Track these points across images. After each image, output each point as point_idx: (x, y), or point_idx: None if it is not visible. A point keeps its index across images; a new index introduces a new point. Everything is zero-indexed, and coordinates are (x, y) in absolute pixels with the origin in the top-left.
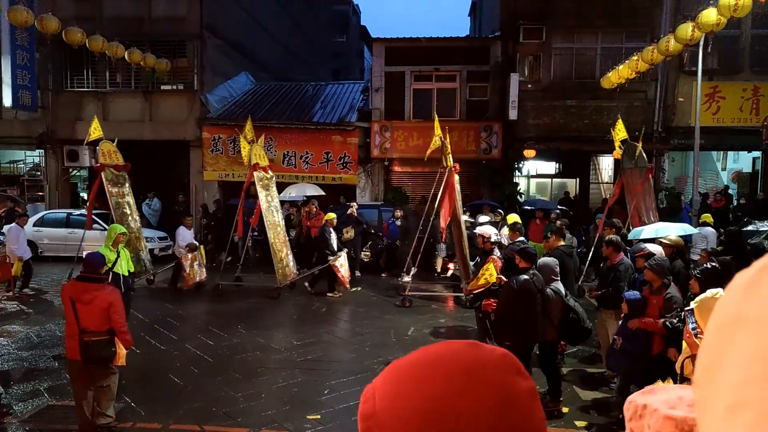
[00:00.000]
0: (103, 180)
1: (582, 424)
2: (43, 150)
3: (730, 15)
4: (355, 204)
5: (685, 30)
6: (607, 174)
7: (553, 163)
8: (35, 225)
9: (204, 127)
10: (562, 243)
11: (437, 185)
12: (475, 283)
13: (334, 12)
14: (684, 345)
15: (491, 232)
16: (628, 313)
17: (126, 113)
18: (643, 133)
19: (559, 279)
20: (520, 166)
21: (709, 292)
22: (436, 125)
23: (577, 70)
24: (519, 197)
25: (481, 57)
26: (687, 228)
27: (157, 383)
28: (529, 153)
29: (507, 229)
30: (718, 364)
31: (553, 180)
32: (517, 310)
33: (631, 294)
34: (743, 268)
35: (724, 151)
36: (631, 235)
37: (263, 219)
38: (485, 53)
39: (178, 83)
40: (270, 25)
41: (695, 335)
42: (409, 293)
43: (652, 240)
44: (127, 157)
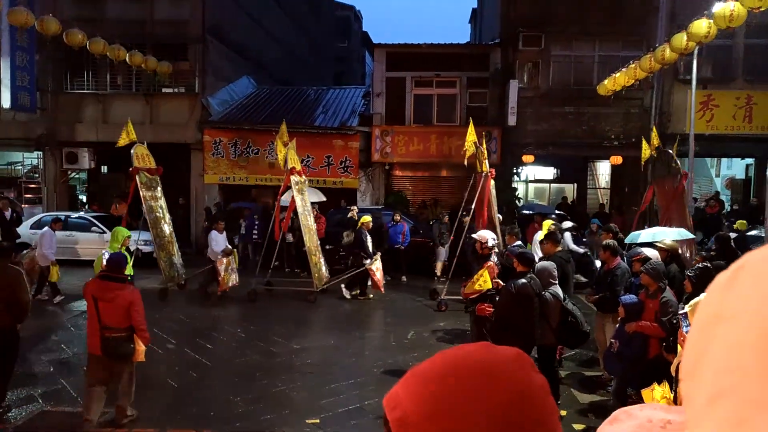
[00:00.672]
0: (138, 184)
1: (580, 427)
2: (41, 152)
3: (726, 25)
4: (355, 208)
5: (680, 39)
6: (604, 179)
7: (551, 168)
8: (32, 227)
9: (205, 131)
10: (559, 249)
11: (471, 190)
12: (470, 287)
13: (336, 17)
14: (679, 348)
15: (488, 237)
16: (625, 316)
17: (126, 116)
18: (678, 140)
19: (557, 283)
20: (519, 171)
21: (703, 296)
22: (471, 131)
23: (576, 77)
24: (517, 202)
25: (480, 63)
26: (684, 233)
27: (155, 388)
28: (527, 158)
29: (541, 234)
30: (701, 359)
31: (551, 185)
32: (514, 314)
33: (628, 298)
34: None
35: (718, 158)
36: (629, 239)
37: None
38: (485, 60)
39: (179, 86)
40: (272, 30)
41: None
42: (445, 297)
43: (649, 244)
44: (127, 159)
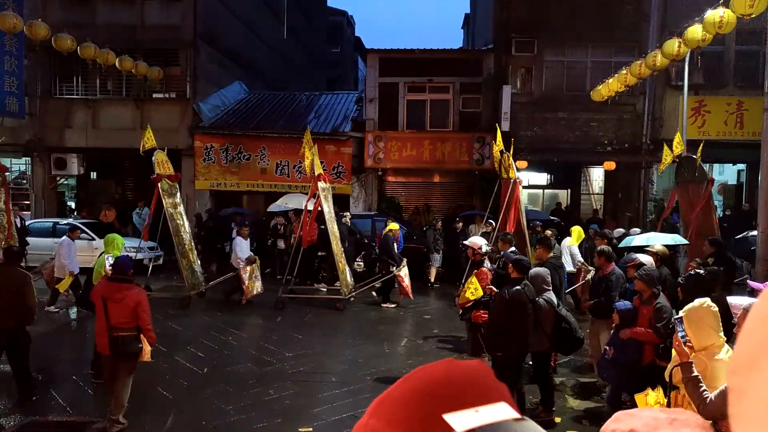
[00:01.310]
0: (160, 191)
1: None
2: (29, 158)
3: (715, 31)
4: (348, 214)
5: (672, 46)
6: (598, 185)
7: (545, 174)
8: (19, 234)
9: (196, 136)
10: (551, 255)
11: (499, 198)
12: (463, 297)
13: (329, 23)
14: (673, 353)
15: (481, 243)
16: (619, 323)
17: (116, 121)
18: (702, 147)
19: (551, 289)
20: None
21: (697, 302)
22: (498, 137)
23: (568, 82)
24: None
25: (473, 69)
26: (677, 238)
27: (145, 396)
28: (521, 164)
29: (571, 240)
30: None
31: (545, 191)
32: (509, 320)
33: (622, 304)
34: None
35: (710, 164)
36: (622, 244)
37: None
38: (478, 65)
39: (170, 91)
40: (264, 35)
41: (684, 343)
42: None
43: (641, 250)
44: (118, 165)
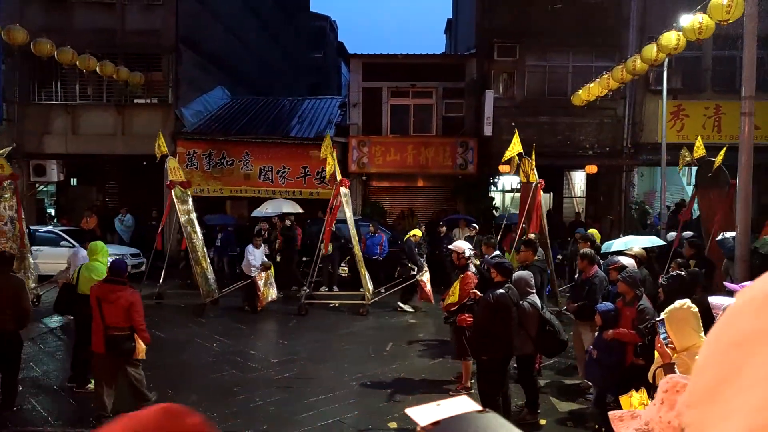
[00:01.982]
0: (173, 198)
1: None
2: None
3: (695, 37)
4: None
5: (651, 51)
6: (580, 188)
7: None
8: None
9: (179, 142)
10: (536, 258)
11: (521, 202)
12: (448, 300)
13: (311, 27)
14: (656, 354)
15: (465, 247)
16: (602, 324)
17: (97, 127)
18: (725, 150)
19: (534, 292)
20: (496, 181)
21: (678, 303)
22: (515, 140)
23: (550, 87)
24: (494, 212)
25: (456, 74)
26: (654, 240)
27: (127, 406)
28: (504, 168)
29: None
30: (728, 382)
31: None
32: (493, 323)
33: (604, 306)
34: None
35: (689, 167)
36: (604, 248)
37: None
38: (461, 70)
39: (152, 97)
40: (247, 40)
41: (666, 345)
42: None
43: (620, 253)
44: (99, 171)
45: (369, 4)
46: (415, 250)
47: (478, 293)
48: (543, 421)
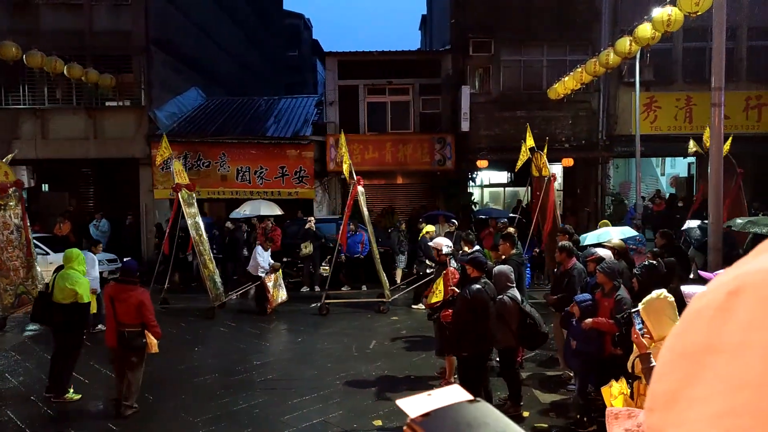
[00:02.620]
0: (181, 201)
1: (543, 426)
2: None
3: (663, 29)
4: (312, 218)
5: (624, 44)
6: (557, 182)
7: (505, 172)
8: None
9: (153, 144)
10: (514, 251)
11: (534, 197)
12: (431, 297)
13: (285, 26)
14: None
15: (443, 244)
16: (580, 315)
17: (68, 131)
18: (731, 139)
19: (514, 286)
20: (474, 176)
21: (654, 293)
22: (528, 136)
23: (525, 81)
24: (473, 207)
25: (432, 70)
26: (627, 231)
27: (108, 411)
28: (481, 163)
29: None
30: (685, 390)
31: (506, 189)
32: (472, 320)
33: (581, 297)
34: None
35: (663, 158)
36: (581, 241)
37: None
38: (437, 66)
39: (124, 99)
40: (221, 40)
41: (642, 335)
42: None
43: (596, 245)
44: (71, 176)
45: (343, 1)
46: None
47: (456, 290)
48: (526, 413)
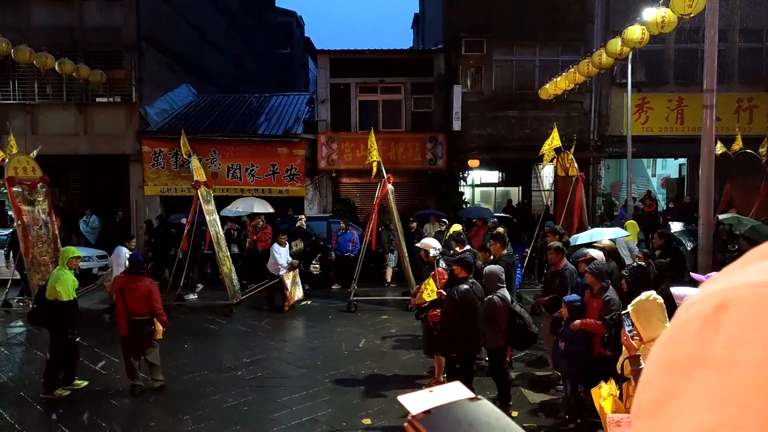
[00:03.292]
0: (200, 198)
1: (532, 426)
2: None
3: (657, 31)
4: (303, 216)
5: (615, 45)
6: (548, 182)
7: (497, 172)
8: None
9: (144, 141)
10: (504, 252)
11: (559, 197)
12: (419, 297)
13: (277, 23)
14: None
15: (432, 246)
16: (569, 316)
17: (58, 127)
18: (739, 137)
19: (504, 286)
20: (465, 175)
21: (644, 295)
22: (555, 136)
23: (518, 81)
24: (464, 206)
25: (424, 69)
26: (618, 231)
27: (99, 409)
28: (473, 163)
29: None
30: (671, 401)
31: (497, 188)
32: (459, 320)
33: (570, 297)
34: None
35: (654, 159)
36: (571, 241)
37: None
38: (429, 65)
39: (114, 95)
40: (212, 37)
41: (631, 337)
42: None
43: (588, 245)
44: (61, 172)
45: None
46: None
47: (444, 293)
48: (515, 413)
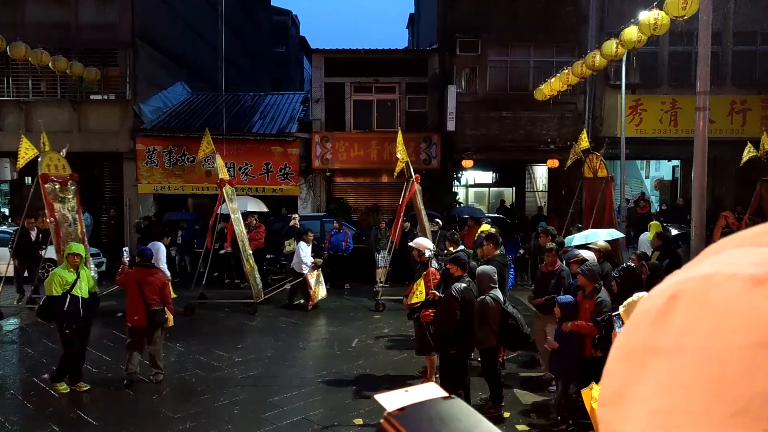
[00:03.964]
0: (225, 196)
1: (523, 427)
2: None
3: (650, 33)
4: (296, 216)
5: (610, 46)
6: (542, 183)
7: (490, 172)
8: None
9: (138, 139)
10: (497, 252)
11: (588, 198)
12: (411, 298)
13: (273, 22)
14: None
15: (426, 246)
16: (561, 316)
17: (52, 124)
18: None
19: (497, 287)
20: (459, 176)
21: (636, 296)
22: (583, 136)
23: (512, 82)
24: (458, 206)
25: (419, 69)
26: (613, 233)
27: (89, 408)
28: (467, 163)
29: (650, 235)
30: (630, 387)
31: (491, 189)
32: (460, 318)
33: (563, 298)
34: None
35: (647, 160)
36: (566, 242)
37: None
38: (423, 65)
39: (109, 93)
40: (207, 35)
41: None
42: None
43: (583, 246)
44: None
45: None
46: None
47: (437, 294)
48: (507, 414)
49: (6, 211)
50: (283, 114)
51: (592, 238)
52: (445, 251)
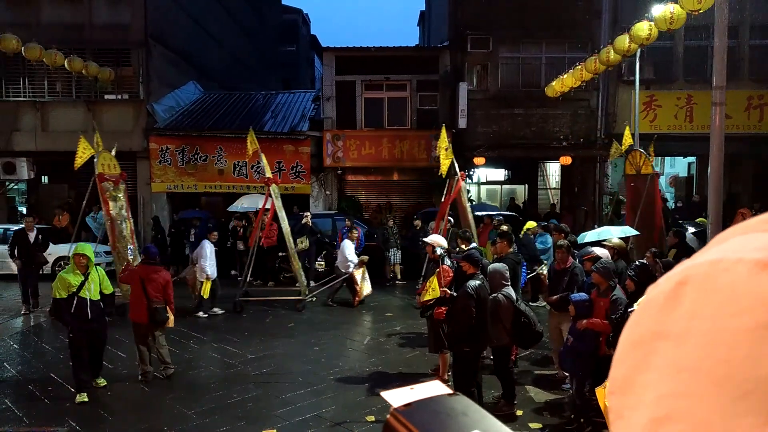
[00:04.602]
0: (272, 194)
1: (536, 426)
2: None
3: (666, 27)
4: (308, 213)
5: (623, 41)
6: (554, 180)
7: (503, 170)
8: None
9: (151, 138)
10: (510, 250)
11: (630, 196)
12: (425, 295)
13: (283, 21)
14: None
15: (440, 243)
16: (576, 314)
17: (67, 124)
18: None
19: (509, 284)
20: (471, 173)
21: None
22: (627, 134)
23: (524, 79)
24: (470, 204)
25: (430, 66)
26: (627, 230)
27: (103, 402)
28: (478, 161)
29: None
30: (637, 376)
31: (503, 187)
32: (476, 315)
33: (578, 296)
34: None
35: (662, 157)
36: (579, 239)
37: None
38: (434, 62)
39: (122, 92)
40: (218, 34)
41: None
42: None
43: (596, 244)
44: (70, 168)
45: None
46: (534, 244)
47: (448, 291)
48: (519, 412)
49: (24, 209)
50: (294, 112)
51: (605, 236)
52: (457, 249)
